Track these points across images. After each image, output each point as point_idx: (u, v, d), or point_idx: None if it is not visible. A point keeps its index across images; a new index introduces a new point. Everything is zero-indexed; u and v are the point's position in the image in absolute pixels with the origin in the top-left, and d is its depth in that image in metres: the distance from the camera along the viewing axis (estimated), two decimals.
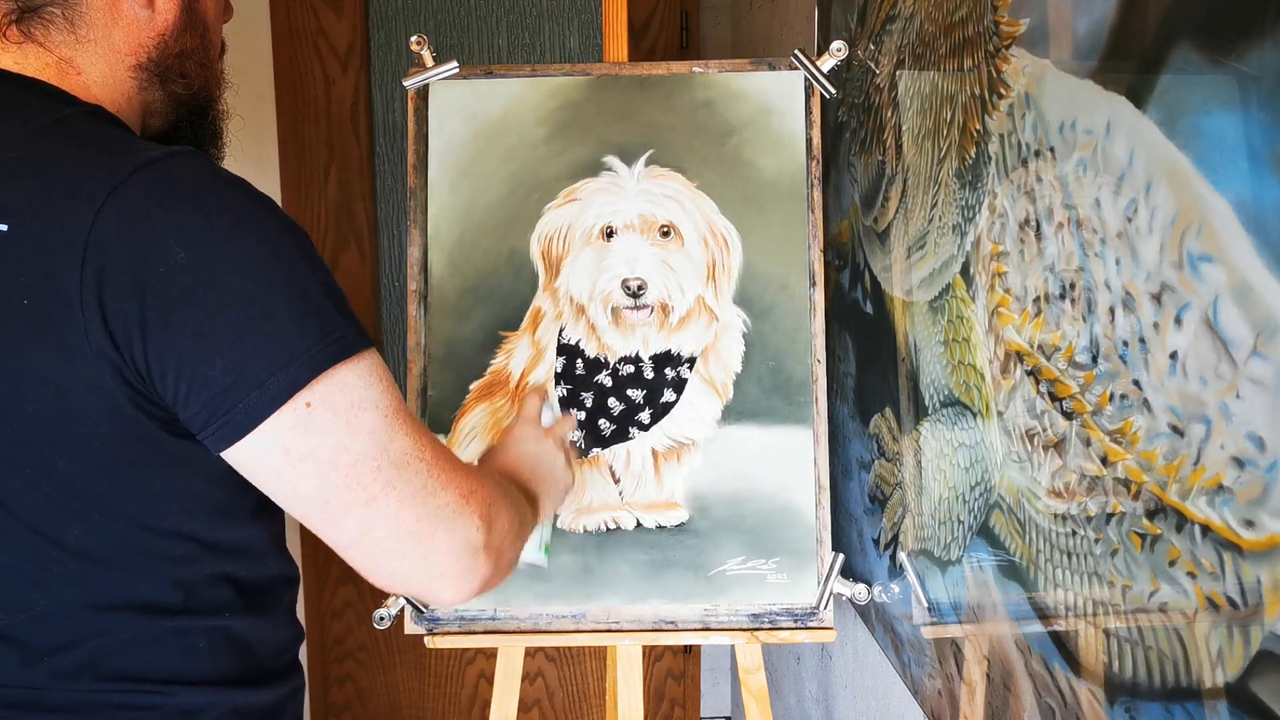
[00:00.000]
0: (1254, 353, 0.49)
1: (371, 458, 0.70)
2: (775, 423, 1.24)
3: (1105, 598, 0.66)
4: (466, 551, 0.74)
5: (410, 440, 0.72)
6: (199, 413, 0.67)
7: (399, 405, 0.73)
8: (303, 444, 0.68)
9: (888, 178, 1.11)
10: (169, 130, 0.85)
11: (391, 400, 0.72)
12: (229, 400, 0.66)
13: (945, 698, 0.98)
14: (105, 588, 0.72)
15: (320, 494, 0.69)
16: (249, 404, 0.66)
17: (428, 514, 0.72)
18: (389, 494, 0.70)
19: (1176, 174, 0.55)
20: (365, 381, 0.70)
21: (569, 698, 2.44)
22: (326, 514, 0.70)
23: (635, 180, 1.26)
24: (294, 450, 0.68)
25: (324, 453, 0.68)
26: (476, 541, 0.75)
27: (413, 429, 0.73)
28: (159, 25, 0.80)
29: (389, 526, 0.71)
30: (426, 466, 0.73)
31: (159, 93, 0.82)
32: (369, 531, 0.71)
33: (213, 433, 0.67)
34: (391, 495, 0.71)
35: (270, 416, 0.67)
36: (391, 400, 0.72)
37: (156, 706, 0.74)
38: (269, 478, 0.69)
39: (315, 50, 2.20)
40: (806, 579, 1.23)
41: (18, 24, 0.74)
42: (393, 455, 0.71)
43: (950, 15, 0.89)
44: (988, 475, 0.85)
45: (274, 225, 0.70)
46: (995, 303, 0.81)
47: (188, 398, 0.66)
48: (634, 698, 1.23)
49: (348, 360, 0.69)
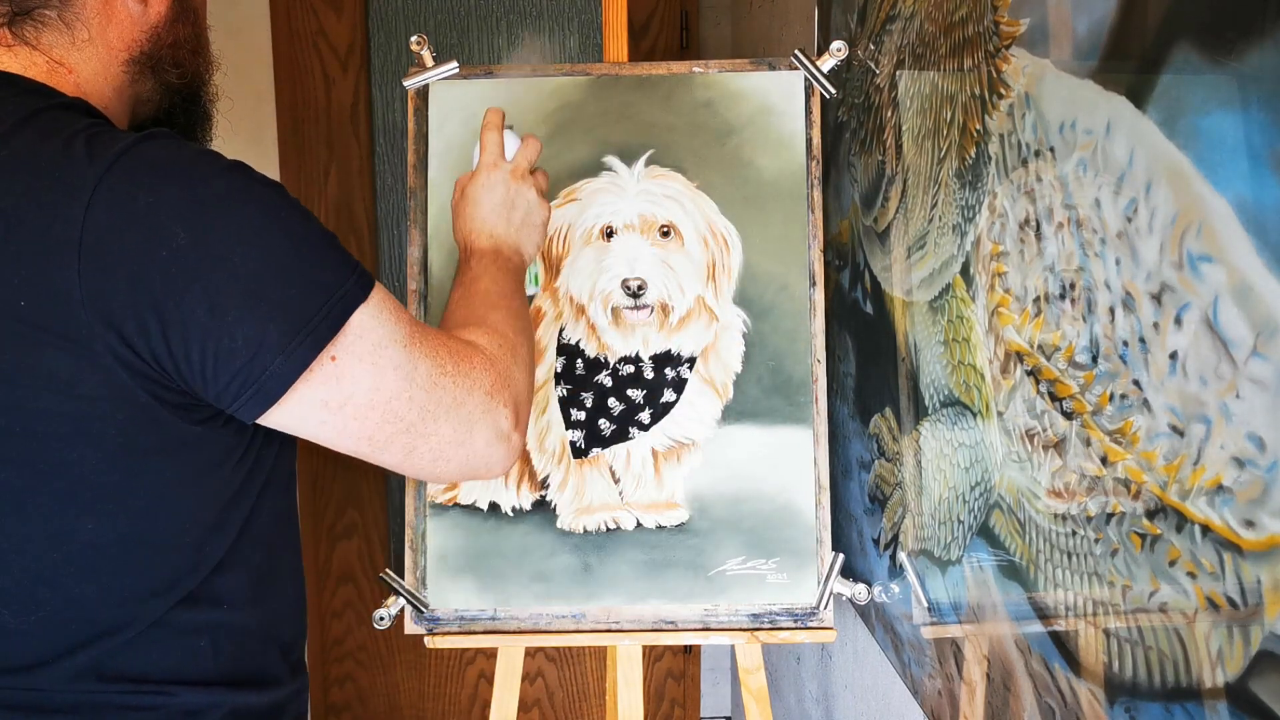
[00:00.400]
0: (1254, 353, 0.49)
1: (403, 390, 0.74)
2: (775, 423, 1.24)
3: (1105, 598, 0.66)
4: (500, 439, 0.81)
5: (431, 361, 0.77)
6: (229, 385, 0.68)
7: (412, 328, 0.77)
8: (337, 394, 0.72)
9: (888, 178, 1.11)
10: (161, 117, 0.85)
11: (405, 328, 0.76)
12: (256, 369, 0.68)
13: (945, 698, 0.98)
14: (114, 584, 0.72)
15: (364, 432, 0.74)
16: (277, 369, 0.69)
17: (461, 421, 0.78)
18: (425, 418, 0.76)
19: (1176, 174, 0.55)
20: (379, 320, 0.74)
21: (569, 698, 2.44)
22: (373, 446, 0.76)
23: (635, 180, 1.26)
24: (331, 401, 0.72)
25: (360, 396, 0.72)
26: (506, 427, 0.82)
27: (429, 346, 0.77)
28: (151, 19, 0.80)
29: (430, 442, 0.77)
30: (450, 380, 0.78)
31: (151, 83, 0.82)
32: (413, 451, 0.77)
33: (245, 402, 0.69)
34: (427, 418, 0.76)
35: (300, 377, 0.69)
36: (405, 328, 0.76)
37: (158, 707, 0.74)
38: (313, 428, 0.73)
39: (315, 50, 2.20)
40: (806, 579, 1.23)
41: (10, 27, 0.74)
42: (420, 381, 0.75)
43: (950, 15, 0.89)
44: (988, 475, 0.85)
45: (257, 188, 0.71)
46: (995, 303, 0.81)
47: (215, 373, 0.68)
48: (634, 698, 1.23)
49: (362, 304, 0.72)
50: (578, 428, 1.26)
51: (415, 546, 1.25)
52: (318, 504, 2.31)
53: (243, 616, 0.78)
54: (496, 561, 1.24)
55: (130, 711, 0.73)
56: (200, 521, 0.75)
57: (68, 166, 0.66)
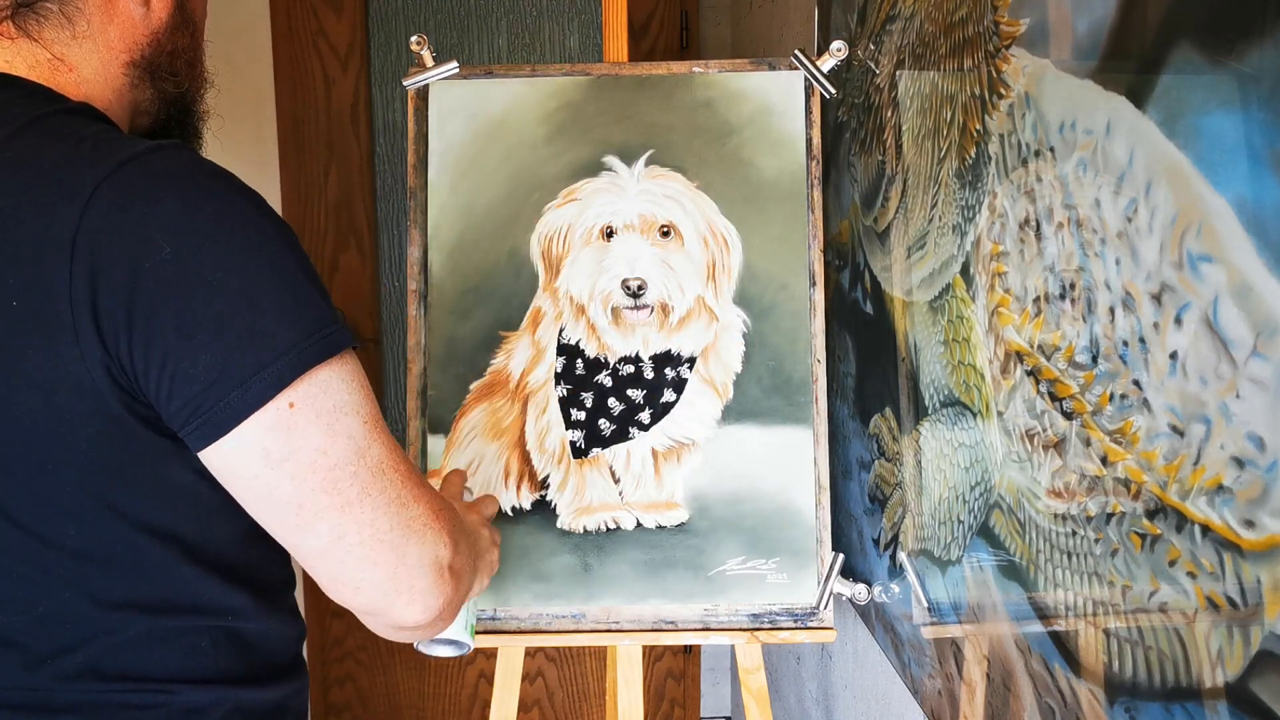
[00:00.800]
0: (1254, 353, 0.49)
1: (350, 463, 0.70)
2: (775, 423, 1.24)
3: (1105, 598, 0.66)
4: (435, 567, 0.74)
5: (386, 450, 0.72)
6: (180, 410, 0.66)
7: (376, 413, 0.73)
8: (283, 445, 0.67)
9: (888, 178, 1.11)
10: (156, 129, 0.85)
11: (370, 407, 0.72)
12: (210, 398, 0.65)
13: (945, 698, 0.98)
14: (105, 587, 0.72)
15: (296, 497, 0.69)
16: (230, 402, 0.65)
17: (401, 524, 0.72)
18: (364, 500, 0.70)
19: (1176, 174, 0.55)
20: (348, 385, 0.70)
21: (569, 698, 2.44)
22: (300, 519, 0.70)
23: (635, 180, 1.26)
24: (274, 452, 0.67)
25: (304, 455, 0.68)
26: (444, 558, 0.75)
27: (388, 439, 0.73)
28: (153, 23, 0.80)
29: (362, 534, 0.71)
30: (400, 478, 0.73)
31: (149, 91, 0.82)
32: (341, 538, 0.70)
33: (193, 430, 0.67)
34: (367, 502, 0.71)
35: (251, 416, 0.66)
36: (370, 407, 0.72)
37: (160, 706, 0.74)
38: (245, 480, 0.68)
39: (315, 50, 2.20)
40: (806, 579, 1.23)
41: (12, 19, 0.74)
42: (370, 462, 0.71)
43: (950, 15, 0.89)
44: (988, 475, 0.85)
45: (260, 219, 0.69)
46: (995, 303, 0.81)
47: (170, 394, 0.66)
48: (634, 698, 1.23)
49: (331, 360, 0.69)
50: (578, 428, 1.26)
51: None
52: None
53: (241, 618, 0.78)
54: None
55: (131, 710, 0.73)
56: (185, 531, 0.74)
57: (71, 169, 0.66)
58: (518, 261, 1.27)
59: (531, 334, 1.27)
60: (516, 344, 1.27)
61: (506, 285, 1.27)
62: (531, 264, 1.27)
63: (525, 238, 1.27)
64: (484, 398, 1.27)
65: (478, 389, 1.27)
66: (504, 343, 1.27)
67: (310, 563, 0.72)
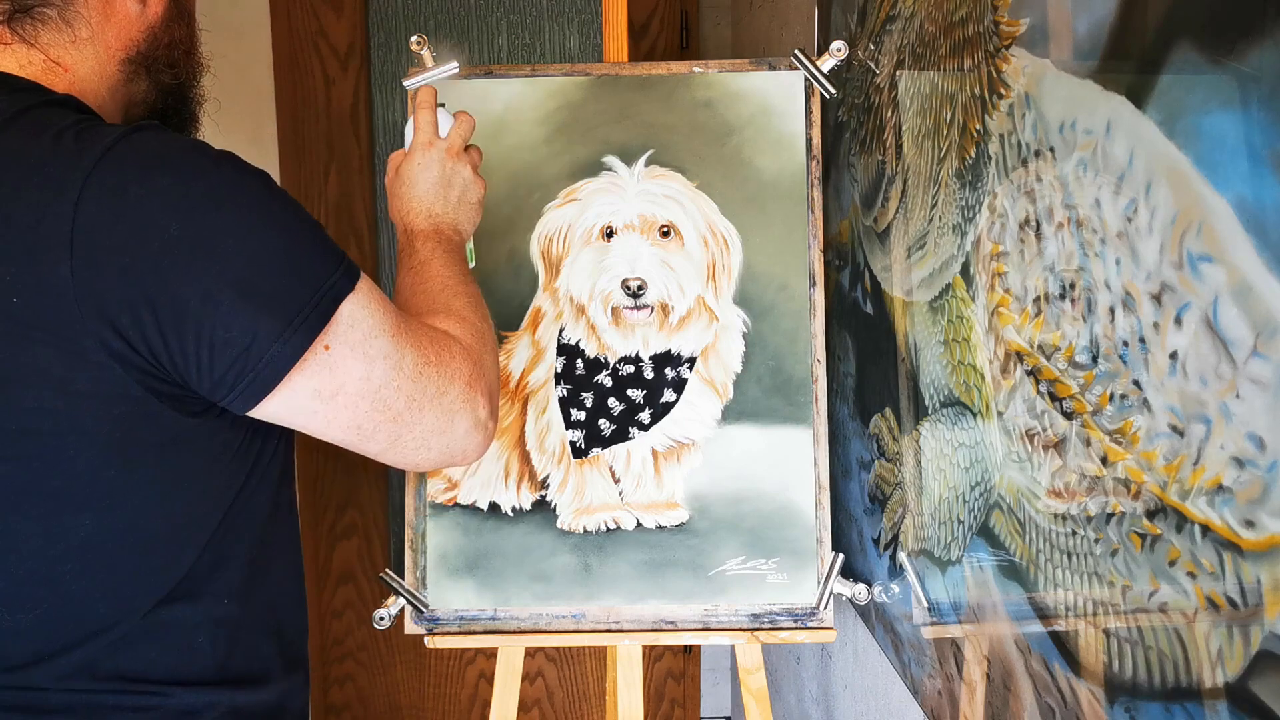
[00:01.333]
0: (1254, 353, 0.49)
1: (391, 379, 0.76)
2: (775, 423, 1.24)
3: (1105, 598, 0.66)
4: (478, 426, 0.83)
5: (416, 351, 0.78)
6: (224, 376, 0.69)
7: (397, 318, 0.78)
8: (330, 383, 0.73)
9: (888, 178, 1.11)
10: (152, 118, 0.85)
11: (391, 318, 0.77)
12: (252, 359, 0.69)
13: (945, 698, 0.98)
14: (111, 580, 0.72)
15: (353, 421, 0.75)
16: (272, 358, 0.69)
17: (444, 410, 0.80)
18: (411, 407, 0.77)
19: (1176, 174, 0.55)
20: (368, 310, 0.75)
21: (569, 698, 2.44)
22: (360, 435, 0.77)
23: (635, 180, 1.26)
24: (323, 390, 0.73)
25: (351, 385, 0.74)
26: (484, 415, 0.83)
27: (414, 337, 0.78)
28: (149, 19, 0.80)
29: (414, 431, 0.79)
30: (434, 370, 0.79)
31: (146, 83, 0.82)
32: (398, 439, 0.78)
33: (241, 393, 0.70)
34: (413, 407, 0.77)
35: (295, 366, 0.70)
36: (391, 318, 0.77)
37: (153, 708, 0.74)
38: (305, 418, 0.74)
39: (315, 50, 2.20)
40: (806, 579, 1.23)
41: (9, 24, 0.74)
42: (407, 370, 0.77)
43: (950, 15, 0.89)
44: (988, 475, 0.85)
45: (247, 179, 0.71)
46: (995, 303, 0.81)
47: (210, 363, 0.68)
48: (634, 698, 1.23)
49: (350, 294, 0.73)
50: (578, 428, 1.26)
51: (415, 546, 1.25)
52: (318, 504, 2.31)
53: (240, 612, 0.78)
54: (496, 561, 1.24)
55: (126, 712, 0.73)
56: (198, 516, 0.75)
57: (55, 162, 0.66)
58: (518, 261, 1.27)
59: (531, 334, 1.27)
60: (516, 344, 1.27)
61: (506, 285, 1.27)
62: (531, 264, 1.27)
63: (525, 238, 1.27)
64: None
65: None
66: (504, 343, 1.27)
67: (375, 457, 0.80)
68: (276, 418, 0.74)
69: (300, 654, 0.86)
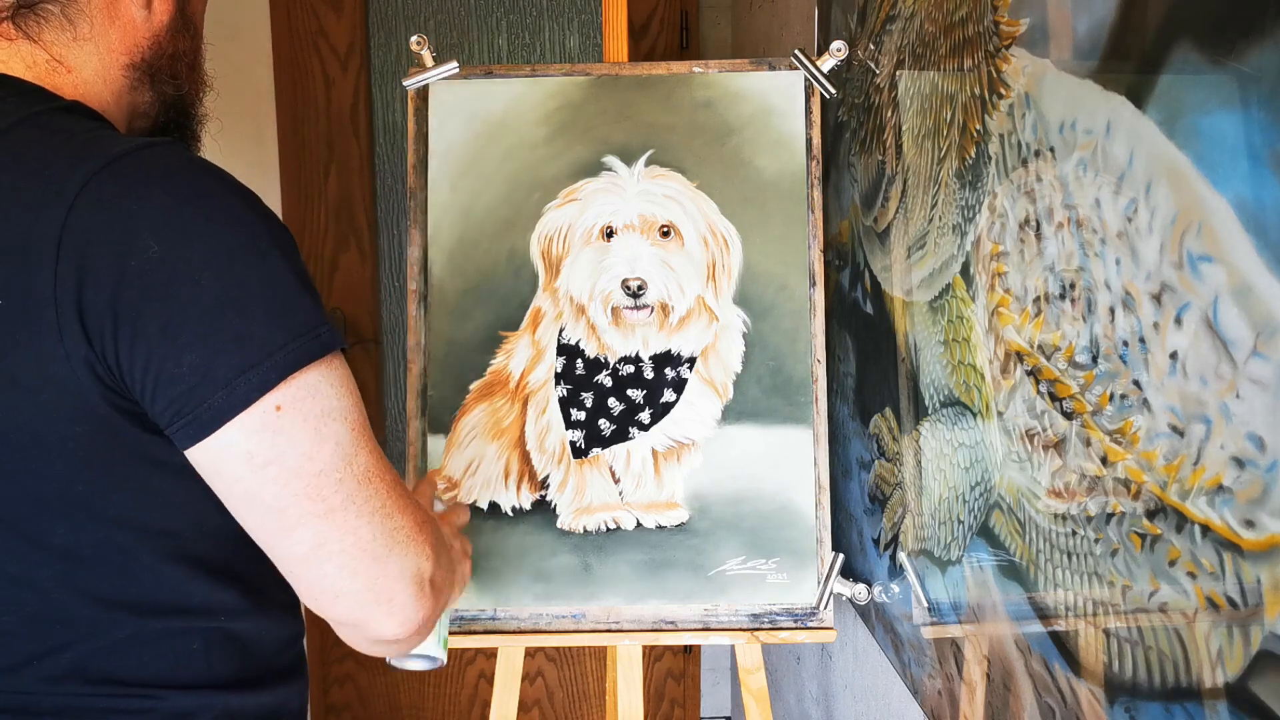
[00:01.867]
0: (1254, 353, 0.49)
1: (336, 469, 0.68)
2: (775, 423, 1.24)
3: (1105, 598, 0.66)
4: (416, 579, 0.73)
5: (373, 459, 0.71)
6: (165, 409, 0.65)
7: (364, 420, 0.72)
8: (268, 449, 0.66)
9: (888, 178, 1.11)
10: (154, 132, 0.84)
11: (358, 414, 0.71)
12: (195, 398, 0.64)
13: (945, 698, 0.98)
14: (93, 587, 0.71)
15: (279, 502, 0.67)
16: (214, 403, 0.64)
17: (384, 534, 0.71)
18: (348, 508, 0.69)
19: (1176, 174, 0.55)
20: (336, 390, 0.69)
21: (569, 698, 2.44)
22: (281, 524, 0.68)
23: (635, 180, 1.26)
24: (258, 455, 0.66)
25: (289, 459, 0.67)
26: (426, 571, 0.74)
27: (375, 448, 0.72)
28: (154, 26, 0.80)
29: (344, 542, 0.69)
30: (386, 488, 0.72)
31: (149, 94, 0.81)
32: (323, 545, 0.69)
33: (178, 430, 0.66)
34: (351, 510, 0.69)
35: (236, 417, 0.65)
36: (358, 414, 0.71)
37: (146, 711, 0.73)
38: (229, 482, 0.67)
39: (315, 50, 2.20)
40: (806, 579, 1.23)
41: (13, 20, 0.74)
42: (356, 470, 0.69)
43: (950, 15, 0.89)
44: (988, 475, 0.85)
45: (251, 217, 0.68)
46: (995, 303, 0.81)
47: (155, 394, 0.65)
48: (634, 698, 1.23)
49: (321, 362, 0.68)
50: (578, 428, 1.26)
51: None
52: None
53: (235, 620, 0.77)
54: (496, 561, 1.24)
55: (117, 715, 0.72)
56: (177, 529, 0.73)
57: (59, 166, 0.65)
58: (518, 262, 1.27)
59: (531, 334, 1.27)
60: (516, 344, 1.27)
61: (506, 285, 1.27)
62: (531, 264, 1.27)
63: (525, 238, 1.27)
64: (484, 398, 1.27)
65: (478, 389, 1.27)
66: (504, 343, 1.27)
67: (290, 569, 0.71)
68: (204, 471, 0.68)
69: (297, 656, 0.85)
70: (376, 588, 0.71)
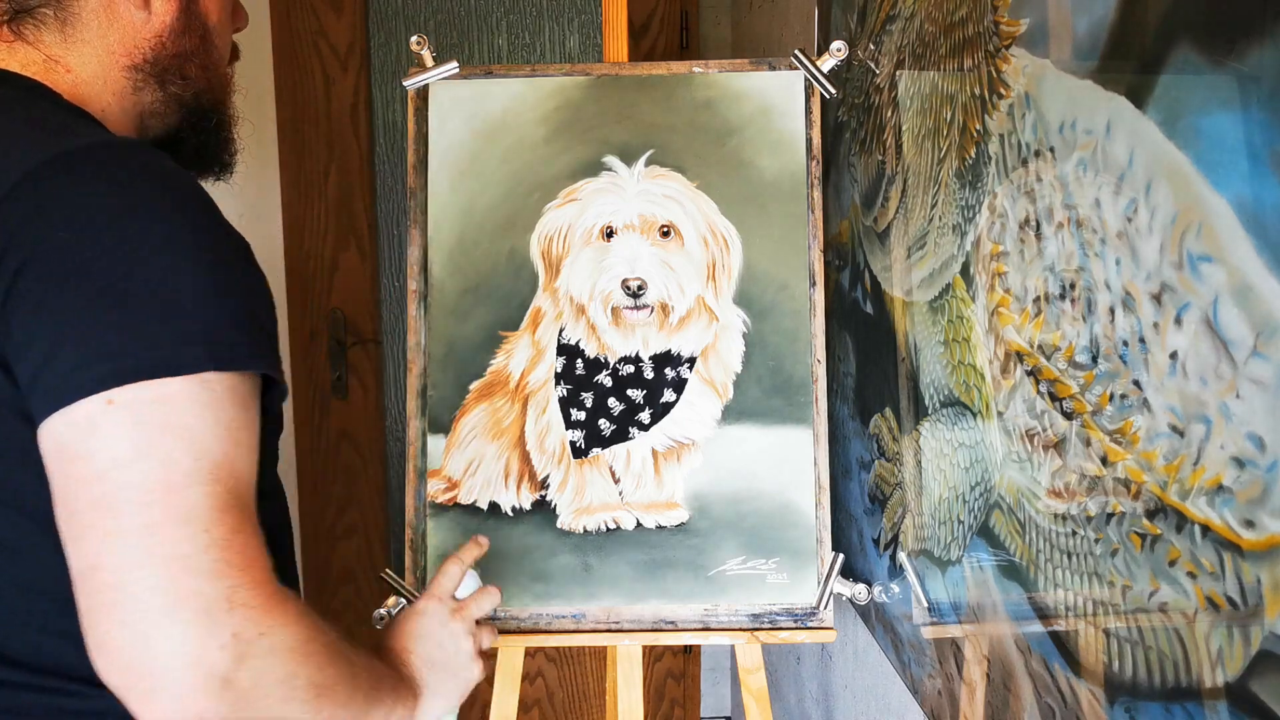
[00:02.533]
0: (1254, 353, 0.49)
1: (146, 490, 0.59)
2: (775, 423, 1.24)
3: (1105, 598, 0.66)
4: (195, 670, 0.57)
5: (212, 508, 0.60)
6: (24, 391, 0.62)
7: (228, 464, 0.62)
8: (80, 445, 0.59)
9: (888, 178, 1.11)
10: (171, 133, 0.85)
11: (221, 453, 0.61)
12: (38, 381, 0.61)
13: (945, 698, 0.98)
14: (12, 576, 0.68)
15: (75, 503, 0.60)
16: (47, 387, 0.60)
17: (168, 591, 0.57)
18: (137, 540, 0.58)
19: (1176, 174, 0.55)
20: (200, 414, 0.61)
21: (569, 698, 2.44)
22: (69, 528, 0.60)
23: (635, 180, 1.26)
24: (68, 449, 0.60)
25: (99, 461, 0.59)
26: (216, 666, 0.58)
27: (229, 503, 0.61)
28: (156, 26, 0.80)
29: (116, 575, 0.58)
30: (208, 542, 0.59)
31: (158, 94, 0.81)
32: (97, 569, 0.58)
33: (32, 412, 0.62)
34: (142, 544, 0.58)
35: (63, 409, 0.59)
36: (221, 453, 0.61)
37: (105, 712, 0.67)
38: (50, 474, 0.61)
39: (315, 50, 2.20)
40: (806, 579, 1.23)
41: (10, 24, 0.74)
42: (175, 504, 0.59)
43: (950, 15, 0.89)
44: (988, 475, 0.85)
45: (179, 221, 0.65)
46: (995, 303, 0.81)
47: (18, 374, 0.62)
48: (634, 698, 1.23)
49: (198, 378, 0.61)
50: (578, 428, 1.26)
51: (415, 546, 1.25)
52: (318, 504, 2.31)
53: None
54: (496, 561, 1.24)
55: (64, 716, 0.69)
56: None
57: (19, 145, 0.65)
58: (518, 261, 1.27)
59: (531, 334, 1.27)
60: (516, 344, 1.27)
61: (506, 285, 1.27)
62: (531, 264, 1.27)
63: (525, 238, 1.27)
64: (484, 398, 1.27)
65: (478, 389, 1.27)
66: (504, 343, 1.27)
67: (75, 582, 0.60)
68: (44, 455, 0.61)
69: None
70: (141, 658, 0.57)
